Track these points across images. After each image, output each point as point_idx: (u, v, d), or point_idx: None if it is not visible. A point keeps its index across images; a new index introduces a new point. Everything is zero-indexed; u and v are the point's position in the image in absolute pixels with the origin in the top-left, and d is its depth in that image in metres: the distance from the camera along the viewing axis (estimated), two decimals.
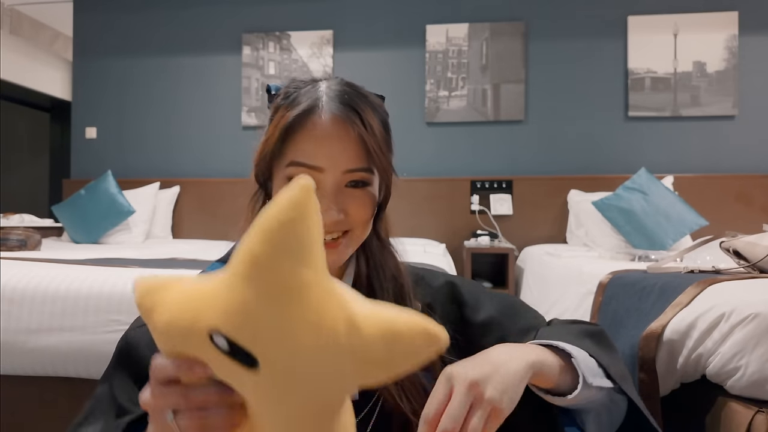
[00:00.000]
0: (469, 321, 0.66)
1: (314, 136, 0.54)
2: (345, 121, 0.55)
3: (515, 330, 0.65)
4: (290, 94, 0.58)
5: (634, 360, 1.12)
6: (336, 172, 0.55)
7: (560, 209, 2.93)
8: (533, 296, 2.41)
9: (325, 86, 0.57)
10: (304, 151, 0.55)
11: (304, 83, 0.59)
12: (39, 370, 1.19)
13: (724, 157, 2.89)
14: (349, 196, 0.56)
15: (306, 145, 0.54)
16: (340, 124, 0.54)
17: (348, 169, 0.55)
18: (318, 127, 0.54)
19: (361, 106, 0.56)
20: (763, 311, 0.99)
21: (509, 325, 0.66)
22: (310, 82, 0.59)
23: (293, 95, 0.58)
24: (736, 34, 2.88)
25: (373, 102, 0.59)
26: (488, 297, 0.69)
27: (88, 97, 3.39)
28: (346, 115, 0.55)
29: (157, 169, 3.29)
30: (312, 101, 0.56)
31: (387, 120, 0.62)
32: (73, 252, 2.07)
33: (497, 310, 0.67)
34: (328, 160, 0.54)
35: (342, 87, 0.57)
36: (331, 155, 0.54)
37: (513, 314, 0.67)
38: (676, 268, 1.43)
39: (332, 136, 0.54)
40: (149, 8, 3.35)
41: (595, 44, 3.00)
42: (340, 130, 0.54)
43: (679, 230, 2.43)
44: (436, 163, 3.06)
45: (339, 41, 3.18)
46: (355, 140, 0.55)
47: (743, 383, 0.99)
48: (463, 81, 3.07)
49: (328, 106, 0.55)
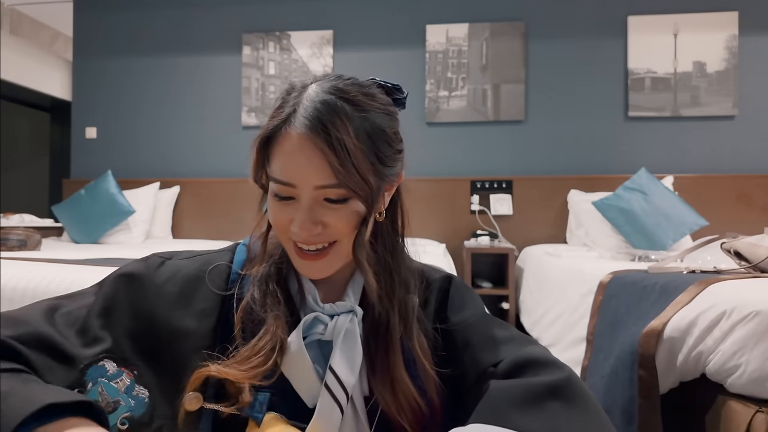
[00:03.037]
0: (448, 316, 0.65)
1: (284, 152, 0.54)
2: (309, 138, 0.52)
3: (477, 339, 0.61)
4: (281, 98, 0.57)
5: (634, 357, 1.12)
6: (307, 188, 0.54)
7: (560, 209, 2.93)
8: (533, 296, 2.41)
9: (308, 93, 0.55)
10: (278, 166, 0.54)
11: (295, 88, 0.57)
12: None
13: (724, 157, 2.89)
14: (326, 209, 0.55)
15: (279, 160, 0.54)
16: (306, 141, 0.52)
17: (318, 185, 0.53)
18: (287, 143, 0.53)
19: (334, 120, 0.52)
20: (763, 309, 0.99)
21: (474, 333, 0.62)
22: (302, 86, 0.57)
23: (281, 100, 0.57)
24: (736, 34, 2.88)
25: (356, 112, 0.54)
26: (472, 301, 0.67)
27: (88, 97, 3.39)
28: (311, 132, 0.52)
29: (157, 169, 3.29)
30: (288, 112, 0.54)
31: (383, 124, 0.57)
32: (73, 252, 2.07)
33: (473, 316, 0.64)
34: (298, 177, 0.53)
35: (322, 95, 0.54)
36: (300, 172, 0.53)
37: (486, 324, 0.63)
38: (677, 269, 1.43)
39: (298, 152, 0.53)
40: (149, 8, 3.35)
41: (595, 44, 3.00)
42: (306, 146, 0.52)
43: (679, 230, 2.43)
44: (436, 163, 3.06)
45: (339, 41, 3.18)
46: (322, 157, 0.52)
47: (743, 381, 0.99)
48: (463, 81, 3.07)
49: (297, 122, 0.53)
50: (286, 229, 0.56)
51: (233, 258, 0.65)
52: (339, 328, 0.58)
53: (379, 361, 0.59)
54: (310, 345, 0.58)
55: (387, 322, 0.60)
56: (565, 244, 2.80)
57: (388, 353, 0.59)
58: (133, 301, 0.58)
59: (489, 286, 2.75)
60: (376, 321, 0.60)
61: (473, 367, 0.58)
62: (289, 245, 0.58)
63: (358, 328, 0.59)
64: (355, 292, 0.63)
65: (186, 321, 0.57)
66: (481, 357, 0.58)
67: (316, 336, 0.58)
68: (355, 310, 0.60)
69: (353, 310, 0.60)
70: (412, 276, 0.65)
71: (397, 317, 0.60)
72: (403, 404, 0.57)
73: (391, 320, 0.60)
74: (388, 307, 0.60)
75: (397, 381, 0.58)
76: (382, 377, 0.58)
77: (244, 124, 3.23)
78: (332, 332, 0.58)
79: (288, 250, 0.59)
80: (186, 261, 0.64)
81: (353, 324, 0.59)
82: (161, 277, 0.60)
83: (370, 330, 0.60)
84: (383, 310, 0.60)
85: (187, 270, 0.62)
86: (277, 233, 0.59)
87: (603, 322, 1.44)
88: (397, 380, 0.58)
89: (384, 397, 0.57)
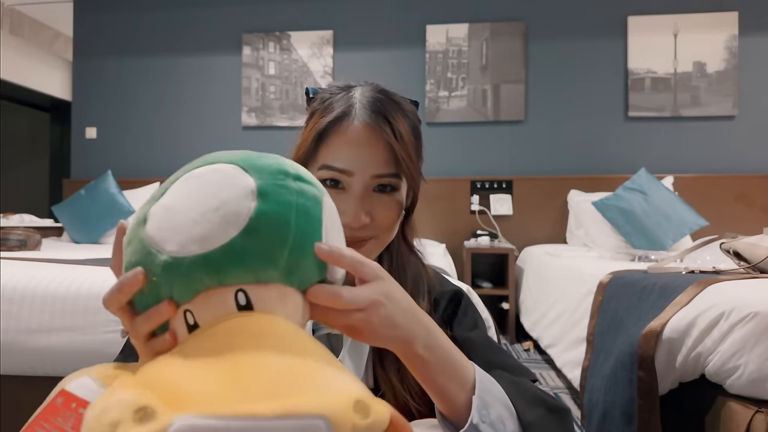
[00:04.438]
0: (453, 328, 0.67)
1: (345, 141, 0.57)
2: (375, 128, 0.57)
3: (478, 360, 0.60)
4: (326, 99, 0.61)
5: (633, 358, 1.12)
6: (365, 176, 0.57)
7: (560, 209, 2.93)
8: (533, 296, 2.42)
9: (359, 93, 0.60)
10: (335, 155, 0.57)
11: (339, 89, 0.62)
12: (39, 370, 1.19)
13: (724, 157, 2.89)
14: (376, 201, 0.58)
15: (337, 150, 0.57)
16: (371, 131, 0.57)
17: (376, 174, 0.57)
18: (349, 133, 0.57)
19: (393, 113, 0.58)
20: (762, 310, 0.99)
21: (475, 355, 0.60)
22: (345, 87, 0.62)
23: (328, 101, 0.60)
24: (736, 34, 2.88)
25: (405, 109, 0.61)
26: (480, 322, 0.69)
27: (88, 97, 3.39)
28: (376, 122, 0.57)
29: (157, 169, 3.29)
30: (345, 107, 0.58)
31: (418, 127, 0.64)
32: (73, 252, 2.07)
33: (477, 336, 0.65)
34: (357, 164, 0.56)
35: (375, 94, 0.60)
36: (361, 160, 0.56)
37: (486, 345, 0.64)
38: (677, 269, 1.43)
39: (362, 142, 0.57)
40: (149, 8, 3.35)
41: (595, 44, 3.00)
42: (371, 136, 0.57)
43: (679, 230, 2.43)
44: (436, 163, 3.06)
45: (339, 41, 3.18)
46: (384, 147, 0.57)
47: (742, 382, 0.99)
48: (463, 81, 3.07)
49: (360, 113, 0.57)
50: None
51: None
52: None
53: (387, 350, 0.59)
54: (320, 338, 0.60)
55: None
56: (565, 244, 2.80)
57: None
58: None
59: (489, 286, 2.75)
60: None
61: None
62: None
63: None
64: None
65: None
66: None
67: (326, 329, 0.60)
68: None
69: None
70: (420, 276, 0.66)
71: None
72: (413, 387, 0.58)
73: None
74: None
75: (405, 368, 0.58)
76: (390, 365, 0.59)
77: (244, 124, 3.23)
78: None
79: None
80: None
81: None
82: None
83: None
84: None
85: None
86: None
87: (603, 323, 1.44)
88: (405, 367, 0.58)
89: (393, 384, 0.58)
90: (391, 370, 0.59)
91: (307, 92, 0.66)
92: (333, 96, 0.60)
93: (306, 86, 0.68)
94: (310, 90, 0.66)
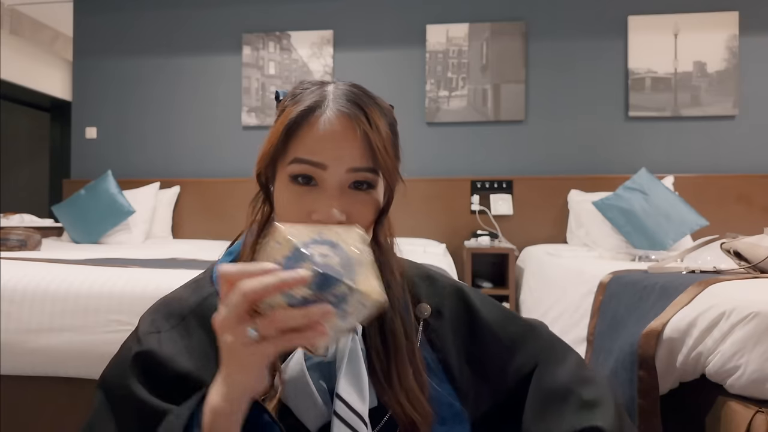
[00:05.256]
0: (477, 324, 0.67)
1: (318, 133, 0.53)
2: (350, 117, 0.53)
3: (506, 337, 0.67)
4: (297, 94, 0.57)
5: (633, 358, 1.12)
6: (340, 170, 0.53)
7: (560, 209, 2.93)
8: (533, 296, 2.41)
9: (332, 87, 0.57)
10: (307, 147, 0.53)
11: (311, 84, 0.58)
12: (39, 370, 1.19)
13: (724, 157, 2.89)
14: (352, 198, 0.54)
15: (310, 142, 0.53)
16: (346, 121, 0.53)
17: (352, 167, 0.53)
18: (322, 124, 0.53)
19: (368, 106, 0.55)
20: (763, 310, 0.99)
21: (504, 328, 0.67)
22: (318, 83, 0.58)
23: (299, 95, 0.57)
24: (736, 34, 2.88)
25: (381, 105, 0.58)
26: (488, 301, 0.71)
27: (88, 97, 3.39)
28: (352, 111, 0.53)
29: (157, 169, 3.29)
30: (318, 98, 0.55)
31: (395, 125, 0.60)
32: (73, 252, 2.07)
33: (495, 314, 0.68)
34: (331, 157, 0.52)
35: (349, 87, 0.57)
36: (335, 152, 0.53)
37: (507, 319, 0.69)
38: (677, 269, 1.43)
39: (336, 132, 0.53)
40: (149, 8, 3.35)
41: (595, 44, 3.00)
42: (345, 127, 0.53)
43: (679, 230, 2.43)
44: (436, 163, 3.06)
45: (339, 41, 3.18)
46: (360, 139, 0.53)
47: (743, 382, 0.99)
48: (464, 81, 3.07)
49: (334, 103, 0.54)
50: (306, 220, 0.53)
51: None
52: (342, 350, 0.56)
53: (388, 369, 0.57)
54: (312, 368, 0.56)
55: (391, 324, 0.59)
56: (565, 244, 2.80)
57: (397, 357, 0.58)
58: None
59: (489, 286, 2.75)
60: (379, 330, 0.59)
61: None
62: None
63: (359, 347, 0.58)
64: None
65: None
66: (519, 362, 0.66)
67: (317, 358, 0.56)
68: (356, 327, 0.58)
69: (354, 327, 0.58)
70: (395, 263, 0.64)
71: (398, 317, 0.60)
72: (418, 403, 0.56)
73: (395, 322, 0.59)
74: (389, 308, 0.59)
75: (408, 385, 0.57)
76: (397, 384, 0.57)
77: (244, 124, 3.23)
78: (334, 353, 0.56)
79: None
80: (175, 329, 0.57)
81: (355, 343, 0.57)
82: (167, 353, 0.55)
83: (372, 341, 0.59)
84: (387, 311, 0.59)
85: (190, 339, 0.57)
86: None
87: (603, 323, 1.44)
88: (409, 383, 0.57)
89: (401, 402, 0.56)
90: (398, 389, 0.56)
91: (277, 95, 0.63)
92: (304, 91, 0.57)
93: (276, 89, 0.64)
94: (280, 92, 0.62)
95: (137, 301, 1.15)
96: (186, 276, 0.80)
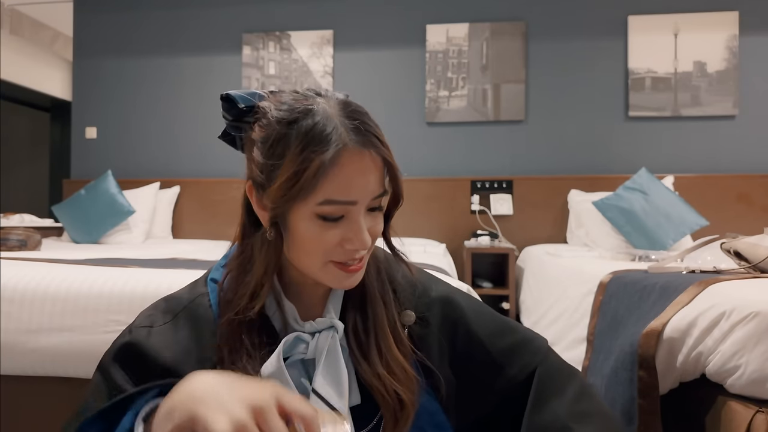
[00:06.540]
0: (466, 336, 0.66)
1: (346, 171, 0.53)
2: (362, 153, 0.54)
3: (495, 350, 0.66)
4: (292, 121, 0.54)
5: (633, 358, 1.12)
6: (366, 200, 0.55)
7: (560, 209, 2.93)
8: (533, 296, 2.41)
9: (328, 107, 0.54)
10: (339, 188, 0.53)
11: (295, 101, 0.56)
12: (39, 370, 1.19)
13: (724, 157, 2.89)
14: (371, 220, 0.58)
15: (341, 182, 0.53)
16: (366, 153, 0.54)
17: (375, 195, 0.56)
18: (348, 164, 0.53)
19: (370, 121, 0.56)
20: (763, 310, 0.99)
21: (494, 342, 0.66)
22: (302, 97, 0.56)
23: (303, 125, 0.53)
24: (736, 34, 2.88)
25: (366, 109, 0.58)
26: (484, 312, 0.70)
27: (88, 97, 3.39)
28: (367, 140, 0.54)
29: (157, 169, 3.29)
30: (325, 127, 0.52)
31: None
32: (73, 252, 2.07)
33: (486, 326, 0.67)
34: (360, 192, 0.54)
35: (346, 110, 0.55)
36: (364, 187, 0.54)
37: (500, 332, 0.68)
38: (677, 268, 1.43)
39: (363, 167, 0.54)
40: (149, 8, 3.35)
41: (595, 44, 3.00)
42: (365, 157, 0.54)
43: (679, 230, 2.43)
44: (436, 163, 3.06)
45: (339, 41, 3.18)
46: (379, 166, 0.55)
47: (743, 382, 0.99)
48: (464, 81, 3.07)
49: (347, 134, 0.53)
50: (333, 249, 0.56)
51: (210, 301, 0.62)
52: (321, 347, 0.58)
53: (367, 341, 0.61)
54: (293, 365, 0.58)
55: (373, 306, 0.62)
56: (565, 244, 2.80)
57: (378, 339, 0.60)
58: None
59: (489, 286, 2.75)
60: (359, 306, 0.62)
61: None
62: (327, 266, 0.57)
63: (339, 345, 0.59)
64: (335, 306, 0.63)
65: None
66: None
67: (299, 355, 0.58)
68: (335, 325, 0.60)
69: (333, 326, 0.60)
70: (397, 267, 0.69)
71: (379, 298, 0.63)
72: (397, 375, 0.59)
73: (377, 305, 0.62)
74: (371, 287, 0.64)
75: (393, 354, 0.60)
76: (375, 358, 0.59)
77: None
78: (314, 350, 0.58)
79: (321, 271, 0.57)
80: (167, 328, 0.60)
81: (335, 341, 0.59)
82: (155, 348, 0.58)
83: (354, 334, 0.61)
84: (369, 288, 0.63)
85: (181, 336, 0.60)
86: (312, 257, 0.57)
87: (603, 322, 1.44)
88: (392, 353, 0.60)
89: (381, 377, 0.58)
90: (377, 361, 0.59)
91: (233, 100, 0.59)
92: (294, 110, 0.54)
93: (225, 92, 0.61)
94: (238, 98, 0.59)
95: (137, 301, 1.15)
96: (186, 276, 0.80)
